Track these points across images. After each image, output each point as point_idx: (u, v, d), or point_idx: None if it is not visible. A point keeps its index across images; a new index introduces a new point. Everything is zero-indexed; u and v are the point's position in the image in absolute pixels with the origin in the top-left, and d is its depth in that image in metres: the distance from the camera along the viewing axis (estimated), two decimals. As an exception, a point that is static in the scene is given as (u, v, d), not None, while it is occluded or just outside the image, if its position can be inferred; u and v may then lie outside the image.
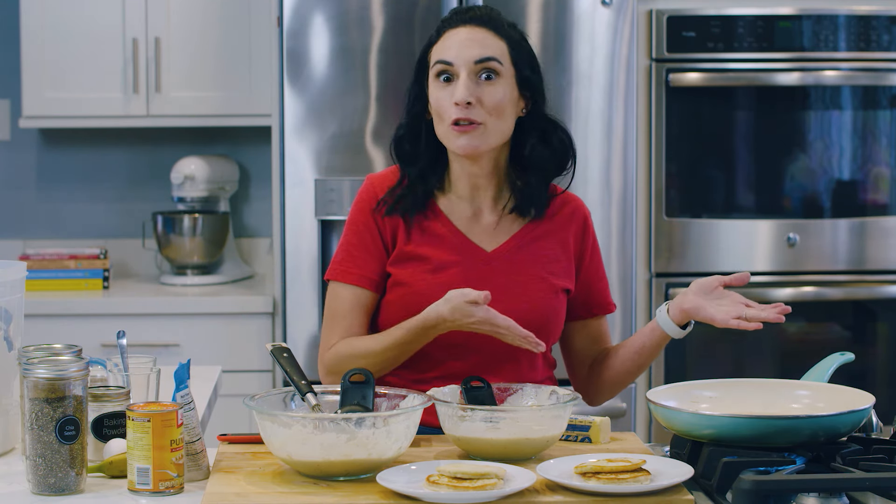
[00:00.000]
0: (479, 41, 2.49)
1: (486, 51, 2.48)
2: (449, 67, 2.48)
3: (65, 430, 2.05)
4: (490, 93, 2.48)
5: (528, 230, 2.58)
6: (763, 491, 1.89)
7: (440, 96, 2.49)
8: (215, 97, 4.43)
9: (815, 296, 4.21)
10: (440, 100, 2.49)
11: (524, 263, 2.55)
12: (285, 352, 2.32)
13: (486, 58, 2.48)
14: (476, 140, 2.48)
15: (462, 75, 2.47)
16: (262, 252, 4.78)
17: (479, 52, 2.48)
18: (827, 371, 2.40)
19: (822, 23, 4.14)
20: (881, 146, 4.24)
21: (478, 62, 2.48)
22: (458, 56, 2.48)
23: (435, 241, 2.53)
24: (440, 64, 2.49)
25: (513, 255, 2.55)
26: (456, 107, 2.46)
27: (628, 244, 4.02)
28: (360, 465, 2.07)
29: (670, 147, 4.14)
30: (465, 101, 2.45)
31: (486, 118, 2.47)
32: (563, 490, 2.02)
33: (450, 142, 2.50)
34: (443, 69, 2.49)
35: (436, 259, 2.52)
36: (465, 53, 2.48)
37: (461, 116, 2.46)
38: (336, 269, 2.56)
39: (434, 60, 2.51)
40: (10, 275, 2.33)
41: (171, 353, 4.14)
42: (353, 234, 2.56)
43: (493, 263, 2.53)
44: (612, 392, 2.65)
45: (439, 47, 2.51)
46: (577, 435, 2.34)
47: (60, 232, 4.76)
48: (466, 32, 2.50)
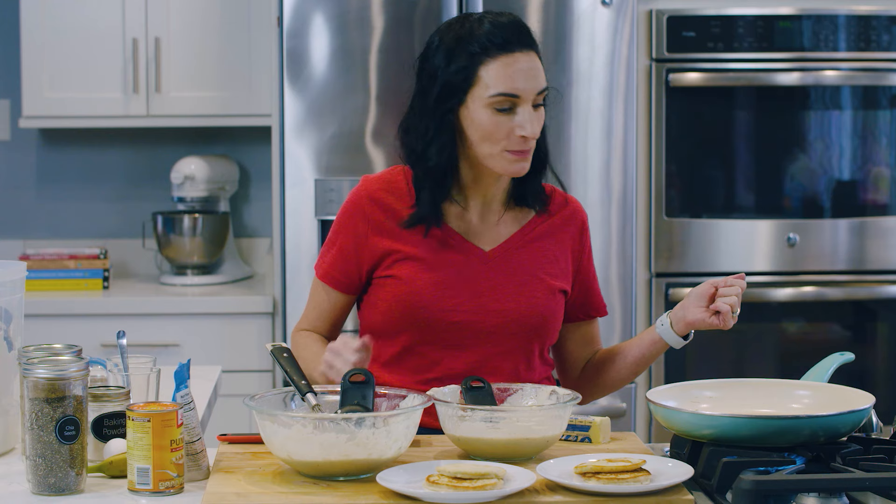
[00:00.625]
0: (538, 70, 2.45)
1: (542, 81, 2.46)
2: (514, 99, 2.43)
3: (65, 430, 2.05)
4: (540, 121, 2.47)
5: (528, 230, 2.58)
6: (763, 491, 1.89)
7: (498, 122, 2.43)
8: (215, 97, 4.42)
9: (815, 296, 4.21)
10: (498, 126, 2.43)
11: (522, 263, 2.55)
12: (285, 352, 2.32)
13: (545, 89, 2.46)
14: (526, 164, 2.48)
15: (527, 107, 2.43)
16: (262, 252, 4.78)
17: (539, 84, 2.45)
18: (827, 371, 2.40)
19: (822, 23, 4.14)
20: (881, 146, 4.24)
21: (539, 93, 2.45)
22: (525, 89, 2.42)
23: (430, 242, 2.53)
24: (506, 97, 2.41)
25: (511, 255, 2.55)
26: (521, 139, 2.43)
27: (628, 244, 4.03)
28: (360, 465, 2.07)
29: (670, 147, 4.14)
30: (535, 136, 2.44)
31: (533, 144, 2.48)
32: (563, 490, 2.02)
33: (502, 166, 2.46)
34: (508, 101, 2.42)
35: (433, 259, 2.52)
36: (531, 86, 2.43)
37: (521, 149, 2.44)
38: (320, 268, 2.61)
39: (495, 90, 2.41)
40: (10, 275, 2.33)
41: (171, 353, 4.14)
42: (335, 233, 2.58)
43: (491, 263, 2.53)
44: (603, 394, 2.68)
45: (500, 74, 2.42)
46: (578, 435, 2.34)
47: (60, 232, 4.76)
48: (527, 60, 2.44)
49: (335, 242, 2.58)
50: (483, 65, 2.43)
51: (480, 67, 2.43)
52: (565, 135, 3.99)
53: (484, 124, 2.44)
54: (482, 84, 2.43)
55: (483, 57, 2.43)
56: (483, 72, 2.43)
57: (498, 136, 2.43)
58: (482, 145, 2.45)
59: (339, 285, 2.58)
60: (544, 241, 2.59)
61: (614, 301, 4.02)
